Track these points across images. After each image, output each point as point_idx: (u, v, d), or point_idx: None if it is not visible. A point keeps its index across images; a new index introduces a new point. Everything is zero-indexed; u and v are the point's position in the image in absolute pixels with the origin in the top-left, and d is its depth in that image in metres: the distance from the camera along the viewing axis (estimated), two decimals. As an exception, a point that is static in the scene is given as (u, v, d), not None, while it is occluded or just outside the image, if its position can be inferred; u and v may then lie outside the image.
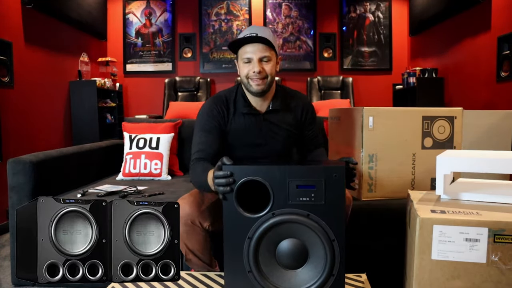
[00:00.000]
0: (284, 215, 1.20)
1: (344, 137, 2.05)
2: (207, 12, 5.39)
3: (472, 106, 3.73)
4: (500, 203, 1.21)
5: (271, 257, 1.23)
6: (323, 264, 1.20)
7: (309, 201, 1.19)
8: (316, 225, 1.19)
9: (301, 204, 1.20)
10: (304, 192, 1.19)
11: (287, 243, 1.22)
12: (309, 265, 1.22)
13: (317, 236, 1.19)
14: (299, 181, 1.20)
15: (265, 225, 1.20)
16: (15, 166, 1.89)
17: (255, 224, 1.20)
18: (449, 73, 4.37)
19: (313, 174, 1.20)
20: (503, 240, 1.06)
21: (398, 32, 5.45)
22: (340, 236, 1.19)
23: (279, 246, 1.22)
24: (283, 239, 1.22)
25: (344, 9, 5.42)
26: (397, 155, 1.85)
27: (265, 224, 1.20)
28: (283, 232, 1.21)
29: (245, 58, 1.51)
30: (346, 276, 1.50)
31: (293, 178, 1.20)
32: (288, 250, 1.22)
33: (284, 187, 1.20)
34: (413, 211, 1.18)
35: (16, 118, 3.25)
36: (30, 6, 3.43)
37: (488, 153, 1.36)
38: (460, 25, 4.08)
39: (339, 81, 5.13)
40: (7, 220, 3.00)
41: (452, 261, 1.09)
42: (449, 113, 1.87)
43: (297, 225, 1.20)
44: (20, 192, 1.89)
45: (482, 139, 2.25)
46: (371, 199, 1.86)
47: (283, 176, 1.20)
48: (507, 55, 3.26)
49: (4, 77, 3.09)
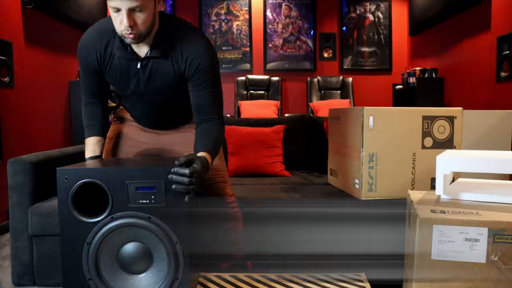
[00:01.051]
0: (123, 219, 1.14)
1: (344, 137, 2.05)
2: (207, 12, 5.38)
3: (472, 106, 3.73)
4: (500, 203, 1.21)
5: (113, 263, 1.17)
6: (167, 267, 1.16)
7: (150, 203, 1.14)
8: (157, 228, 1.14)
9: (142, 207, 1.14)
10: (143, 194, 1.14)
11: (129, 247, 1.17)
12: (154, 269, 1.18)
13: (159, 240, 1.15)
14: (138, 183, 1.14)
15: (104, 229, 1.14)
16: (15, 166, 1.89)
17: (94, 229, 1.15)
18: (449, 73, 4.37)
19: (152, 175, 1.14)
20: (503, 240, 1.06)
21: (398, 32, 5.45)
22: (183, 238, 1.15)
23: (121, 251, 1.17)
24: (125, 243, 1.17)
25: (344, 9, 5.42)
26: (397, 155, 1.85)
27: (104, 229, 1.14)
28: (125, 236, 1.16)
29: (113, 8, 1.24)
30: (344, 275, 1.50)
31: (132, 179, 1.14)
32: (130, 255, 1.17)
33: (123, 190, 1.14)
34: (413, 211, 1.18)
35: (16, 118, 3.25)
36: (30, 6, 3.43)
37: (488, 153, 1.36)
38: (460, 25, 4.08)
39: (339, 81, 5.13)
40: (7, 220, 2.99)
41: (452, 261, 1.09)
42: (449, 113, 1.87)
43: (138, 229, 1.15)
44: (20, 192, 1.89)
45: (482, 139, 2.25)
46: (371, 199, 1.86)
47: (121, 178, 1.14)
48: (507, 55, 3.26)
49: (4, 77, 3.09)
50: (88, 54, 1.40)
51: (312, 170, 2.75)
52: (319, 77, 5.18)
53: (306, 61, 5.42)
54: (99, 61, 1.40)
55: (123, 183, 1.14)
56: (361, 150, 1.83)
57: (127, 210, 1.15)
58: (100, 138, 1.52)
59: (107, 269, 1.17)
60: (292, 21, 5.41)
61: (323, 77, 5.18)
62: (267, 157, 2.59)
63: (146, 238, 1.16)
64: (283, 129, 2.70)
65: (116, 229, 1.15)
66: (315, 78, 5.19)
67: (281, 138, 2.67)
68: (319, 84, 5.16)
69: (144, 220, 1.15)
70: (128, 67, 1.39)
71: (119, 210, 1.15)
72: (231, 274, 1.52)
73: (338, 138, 2.16)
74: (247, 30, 5.38)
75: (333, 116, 2.22)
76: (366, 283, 1.43)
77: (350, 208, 1.84)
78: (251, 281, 1.46)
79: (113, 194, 1.15)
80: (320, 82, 5.16)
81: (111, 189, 1.14)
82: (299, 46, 5.41)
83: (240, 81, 5.13)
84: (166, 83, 1.41)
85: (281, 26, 5.41)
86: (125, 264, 1.18)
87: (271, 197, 1.97)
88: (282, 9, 5.40)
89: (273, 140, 2.64)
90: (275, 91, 5.14)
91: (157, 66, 1.38)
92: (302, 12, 5.40)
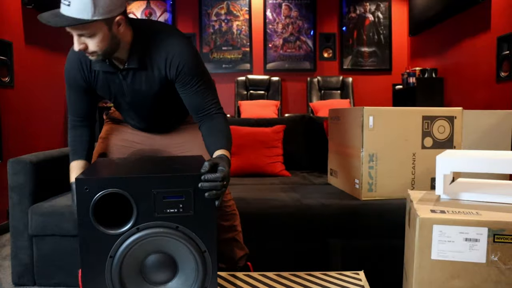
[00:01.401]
0: (150, 229, 1.08)
1: (344, 137, 2.06)
2: (207, 12, 5.39)
3: (472, 106, 3.73)
4: (500, 203, 1.22)
5: (137, 275, 1.11)
6: (195, 276, 1.11)
7: (178, 212, 1.08)
8: (185, 237, 1.09)
9: (169, 216, 1.08)
10: (171, 203, 1.08)
11: (153, 258, 1.11)
12: (180, 278, 1.13)
13: (187, 248, 1.09)
14: (166, 191, 1.07)
15: (129, 241, 1.07)
16: (15, 166, 1.89)
17: (118, 241, 1.07)
18: (449, 73, 4.37)
19: (180, 183, 1.08)
20: (503, 240, 1.06)
21: (398, 32, 5.45)
22: (211, 246, 1.11)
23: (145, 262, 1.12)
24: (149, 254, 1.11)
25: (344, 9, 5.42)
26: (397, 155, 1.85)
27: (129, 240, 1.07)
28: (149, 247, 1.10)
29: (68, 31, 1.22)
30: (343, 274, 1.51)
31: (158, 188, 1.07)
32: (155, 265, 1.11)
33: (149, 199, 1.07)
34: (413, 211, 1.18)
35: (16, 118, 3.25)
36: (30, 7, 3.43)
37: (488, 153, 1.36)
38: (460, 25, 4.08)
39: (339, 81, 5.13)
40: (7, 220, 2.99)
41: (451, 261, 1.09)
42: (449, 113, 1.87)
43: (164, 238, 1.09)
44: (20, 192, 1.89)
45: (482, 139, 2.25)
46: (371, 199, 1.86)
47: (147, 187, 1.07)
48: (506, 55, 3.26)
49: (4, 77, 3.09)
50: (75, 74, 1.39)
51: (312, 170, 2.75)
52: (319, 77, 5.18)
53: (306, 61, 5.42)
54: (86, 80, 1.39)
55: (149, 192, 1.07)
56: (361, 150, 1.83)
57: (153, 220, 1.08)
58: (86, 162, 1.51)
59: (131, 282, 1.11)
60: (292, 21, 5.41)
61: (323, 77, 5.18)
62: (267, 157, 2.59)
63: (172, 247, 1.11)
64: (283, 129, 2.70)
65: (142, 240, 1.08)
66: (315, 78, 5.19)
67: (281, 138, 2.67)
68: (319, 84, 5.16)
69: (172, 229, 1.09)
70: (112, 80, 1.38)
71: (145, 221, 1.08)
72: (230, 273, 1.52)
73: (338, 138, 2.16)
74: (247, 30, 5.38)
75: (333, 116, 2.22)
76: (365, 283, 1.43)
77: (349, 208, 1.84)
78: (251, 280, 1.46)
79: (138, 203, 1.07)
80: (320, 82, 5.16)
81: (136, 198, 1.07)
82: (299, 46, 5.42)
83: (240, 81, 5.13)
84: (151, 90, 1.38)
85: (281, 26, 5.41)
86: (150, 275, 1.12)
87: (271, 197, 1.97)
88: (282, 9, 5.40)
89: (273, 140, 2.64)
90: (275, 91, 5.14)
91: (138, 76, 1.36)
92: (302, 12, 5.40)
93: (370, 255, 1.83)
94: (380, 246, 1.83)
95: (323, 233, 1.83)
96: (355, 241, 1.84)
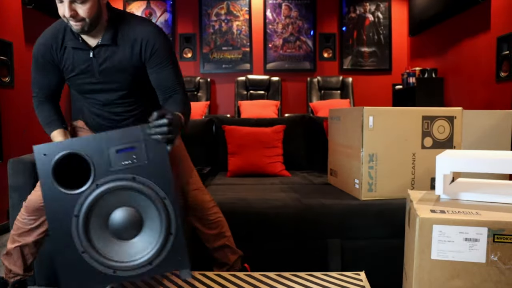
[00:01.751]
0: (108, 183, 1.14)
1: (344, 137, 2.06)
2: (207, 12, 5.39)
3: (472, 106, 3.73)
4: (499, 203, 1.22)
5: (104, 232, 1.15)
6: (159, 225, 1.14)
7: (132, 164, 1.15)
8: (143, 186, 1.14)
9: (125, 169, 1.15)
10: (125, 155, 1.15)
11: (118, 213, 1.15)
12: (147, 229, 1.16)
13: (147, 198, 1.14)
14: (117, 145, 1.15)
15: (91, 198, 1.13)
16: (15, 166, 1.89)
17: (80, 200, 1.13)
18: (448, 73, 4.37)
19: (131, 136, 1.16)
20: (503, 240, 1.06)
21: (397, 32, 5.45)
22: (170, 192, 1.15)
23: (111, 218, 1.15)
24: (114, 210, 1.15)
25: (344, 10, 5.42)
26: (397, 155, 1.85)
27: (90, 197, 1.13)
28: (113, 203, 1.15)
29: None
30: (344, 274, 1.51)
31: (111, 144, 1.15)
32: (121, 220, 1.15)
33: (104, 155, 1.14)
34: (413, 211, 1.19)
35: (16, 118, 3.25)
36: (30, 6, 3.43)
37: (488, 153, 1.36)
38: (460, 25, 4.08)
39: (339, 81, 5.13)
40: (7, 220, 2.99)
41: (451, 261, 1.10)
42: (449, 113, 1.87)
43: (125, 192, 1.14)
44: (21, 192, 1.89)
45: (482, 139, 2.25)
46: (371, 199, 1.86)
47: (100, 144, 1.15)
48: (506, 55, 3.26)
49: (4, 77, 3.09)
50: (45, 51, 1.44)
51: (312, 170, 2.75)
52: (319, 77, 5.18)
53: (306, 61, 5.42)
54: (54, 56, 1.43)
55: (103, 149, 1.14)
56: (361, 150, 1.83)
57: (110, 174, 1.14)
58: (65, 131, 1.52)
59: (99, 239, 1.15)
60: (292, 21, 5.41)
61: (323, 77, 5.18)
62: (267, 157, 2.60)
63: (134, 200, 1.15)
64: (283, 129, 2.71)
65: (103, 195, 1.13)
66: (315, 78, 5.19)
67: (281, 138, 2.67)
68: (319, 84, 5.16)
69: (129, 181, 1.14)
70: (81, 57, 1.41)
71: (102, 176, 1.14)
72: (231, 273, 1.53)
73: (338, 138, 2.16)
74: (247, 30, 5.38)
75: (333, 116, 2.23)
76: (366, 283, 1.43)
77: (349, 208, 1.84)
78: (252, 280, 1.46)
79: (94, 161, 1.14)
80: (320, 82, 5.16)
81: (91, 156, 1.14)
82: (299, 46, 5.42)
83: (240, 81, 5.13)
84: (122, 70, 1.41)
85: (281, 26, 5.41)
86: (117, 231, 1.16)
87: (271, 197, 1.97)
88: (282, 9, 5.40)
89: (273, 140, 2.64)
90: (275, 91, 5.14)
91: (110, 55, 1.40)
92: (302, 12, 5.40)
93: (370, 255, 1.83)
94: (380, 246, 1.83)
95: (323, 233, 1.83)
96: (355, 241, 1.84)
